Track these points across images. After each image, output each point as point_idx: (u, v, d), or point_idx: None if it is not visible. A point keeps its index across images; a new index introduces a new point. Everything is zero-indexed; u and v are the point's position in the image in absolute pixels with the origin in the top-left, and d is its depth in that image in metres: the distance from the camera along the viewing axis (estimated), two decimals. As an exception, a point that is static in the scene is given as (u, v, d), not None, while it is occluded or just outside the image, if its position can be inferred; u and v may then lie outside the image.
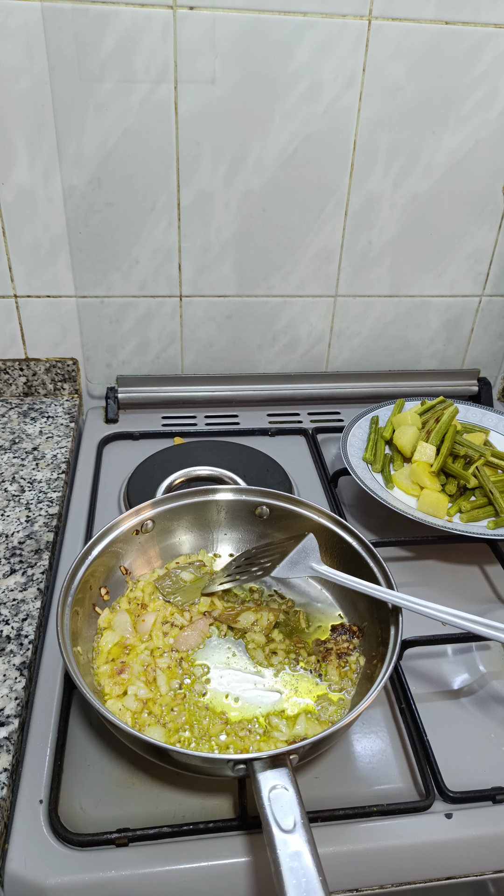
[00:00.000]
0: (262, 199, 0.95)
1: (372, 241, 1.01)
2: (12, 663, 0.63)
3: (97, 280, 0.98)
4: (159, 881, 0.51)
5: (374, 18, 0.84)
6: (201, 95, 0.86)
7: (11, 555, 0.76)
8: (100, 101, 0.85)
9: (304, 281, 1.03)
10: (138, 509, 0.71)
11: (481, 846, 0.55)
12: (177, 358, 1.08)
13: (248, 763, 0.48)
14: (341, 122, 0.91)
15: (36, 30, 0.80)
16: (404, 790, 0.57)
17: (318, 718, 0.58)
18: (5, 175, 0.88)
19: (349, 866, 0.53)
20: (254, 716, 0.58)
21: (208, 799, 0.56)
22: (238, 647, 0.65)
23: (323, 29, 0.84)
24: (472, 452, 0.88)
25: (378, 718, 0.63)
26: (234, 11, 0.82)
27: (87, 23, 0.80)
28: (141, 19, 0.81)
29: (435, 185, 0.97)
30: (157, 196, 0.93)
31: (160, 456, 0.94)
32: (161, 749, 0.50)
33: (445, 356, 1.14)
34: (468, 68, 0.89)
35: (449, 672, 0.68)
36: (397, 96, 0.90)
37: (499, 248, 1.04)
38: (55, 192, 0.91)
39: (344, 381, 1.12)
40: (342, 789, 0.57)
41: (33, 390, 1.06)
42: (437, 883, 0.54)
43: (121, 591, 0.69)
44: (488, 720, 0.63)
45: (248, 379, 1.09)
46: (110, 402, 1.05)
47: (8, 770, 0.55)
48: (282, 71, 0.86)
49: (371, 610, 0.65)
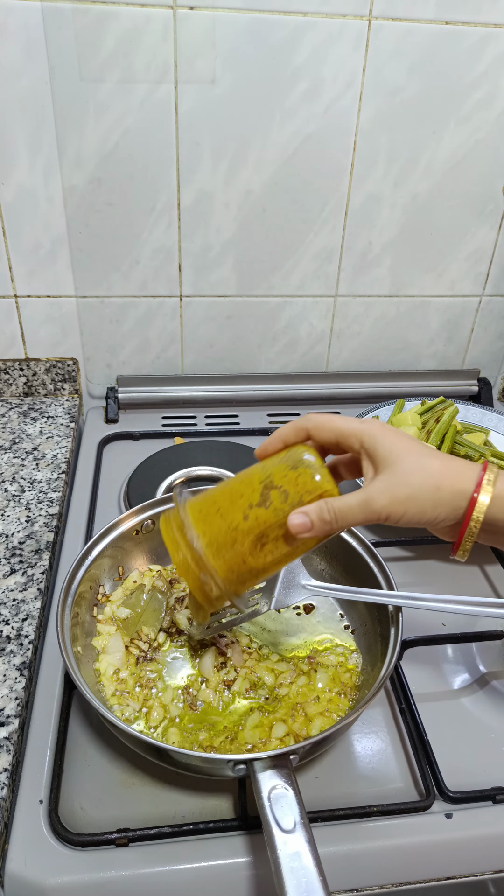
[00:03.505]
0: (262, 199, 0.95)
1: (372, 241, 1.01)
2: (12, 663, 0.63)
3: (97, 280, 0.98)
4: (159, 881, 0.51)
5: (374, 18, 0.84)
6: (201, 95, 0.86)
7: (11, 555, 0.76)
8: (100, 101, 0.85)
9: (305, 281, 1.03)
10: (138, 509, 0.71)
11: (481, 846, 0.55)
12: (177, 358, 1.08)
13: (248, 763, 0.48)
14: (341, 122, 0.91)
15: (36, 30, 0.80)
16: (404, 790, 0.57)
17: (317, 718, 0.58)
18: (5, 175, 0.88)
19: (349, 866, 0.53)
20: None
21: (208, 799, 0.56)
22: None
23: (323, 29, 0.84)
24: (472, 452, 0.88)
25: (378, 718, 0.63)
26: (234, 11, 0.82)
27: (87, 23, 0.80)
28: (141, 19, 0.81)
29: (435, 185, 0.97)
30: (158, 196, 0.93)
31: (160, 456, 0.94)
32: (161, 749, 0.50)
33: (445, 356, 1.14)
34: (468, 68, 0.89)
35: (449, 672, 0.68)
36: (397, 96, 0.90)
37: (499, 248, 1.04)
38: (55, 192, 0.91)
39: (344, 381, 1.12)
40: (342, 789, 0.57)
41: (33, 390, 1.06)
42: (437, 883, 0.54)
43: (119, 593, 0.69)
44: (488, 720, 0.63)
45: (248, 379, 1.09)
46: (110, 402, 1.05)
47: (8, 770, 0.55)
48: (282, 71, 0.86)
49: (371, 609, 0.65)
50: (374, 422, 0.52)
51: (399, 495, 0.48)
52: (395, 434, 0.51)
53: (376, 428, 0.51)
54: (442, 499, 0.48)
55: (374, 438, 0.50)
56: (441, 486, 0.48)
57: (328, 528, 0.50)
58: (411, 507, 0.48)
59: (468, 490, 0.48)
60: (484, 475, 0.49)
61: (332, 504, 0.50)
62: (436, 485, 0.48)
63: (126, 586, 0.69)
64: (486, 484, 0.48)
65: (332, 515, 0.49)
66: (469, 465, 0.50)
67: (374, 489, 0.49)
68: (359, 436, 0.51)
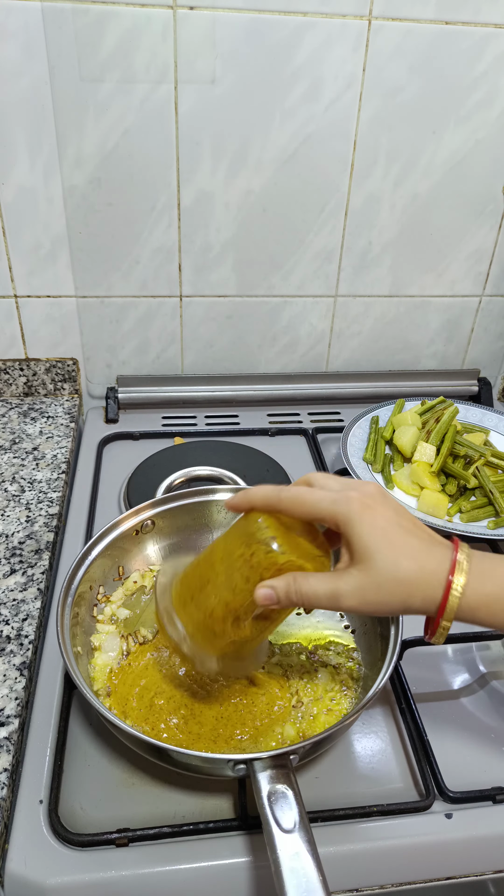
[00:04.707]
0: (262, 199, 0.95)
1: (372, 241, 1.01)
2: (12, 663, 0.63)
3: (97, 280, 0.98)
4: (159, 881, 0.51)
5: (374, 18, 0.84)
6: (201, 95, 0.86)
7: (11, 555, 0.76)
8: (100, 101, 0.85)
9: (305, 281, 1.03)
10: (138, 509, 0.70)
11: (481, 846, 0.55)
12: (177, 358, 1.08)
13: (249, 763, 0.48)
14: (341, 122, 0.91)
15: (36, 30, 0.80)
16: (404, 790, 0.57)
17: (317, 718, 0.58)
18: (5, 175, 0.88)
19: (349, 866, 0.53)
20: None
21: (208, 799, 0.56)
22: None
23: (323, 29, 0.84)
24: (472, 452, 0.88)
25: (378, 718, 0.63)
26: (234, 11, 0.82)
27: (87, 23, 0.80)
28: (141, 19, 0.81)
29: (435, 185, 0.97)
30: (158, 196, 0.93)
31: (160, 456, 0.94)
32: (161, 749, 0.50)
33: (445, 356, 1.14)
34: (468, 68, 0.89)
35: (449, 672, 0.68)
36: (397, 96, 0.90)
37: (499, 248, 1.04)
38: (55, 192, 0.91)
39: (344, 381, 1.12)
40: (342, 789, 0.57)
41: (33, 390, 1.06)
42: (437, 883, 0.54)
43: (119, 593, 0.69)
44: (488, 720, 0.63)
45: (248, 379, 1.09)
46: (110, 402, 1.05)
47: (8, 770, 0.55)
48: (282, 71, 0.86)
49: (371, 610, 0.65)
50: (351, 500, 0.48)
51: (369, 598, 0.47)
52: (371, 518, 0.47)
53: (354, 511, 0.47)
54: (412, 605, 0.47)
55: (350, 525, 0.47)
56: (411, 595, 0.47)
57: (292, 604, 0.48)
58: (381, 609, 0.48)
59: (437, 597, 0.47)
60: (452, 580, 0.46)
61: (300, 586, 0.48)
62: (407, 593, 0.47)
63: (126, 587, 0.69)
64: (453, 591, 0.46)
65: (298, 597, 0.48)
66: (442, 559, 0.47)
67: (344, 585, 0.47)
68: (334, 519, 0.48)
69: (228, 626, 0.51)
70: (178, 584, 0.55)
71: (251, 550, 0.49)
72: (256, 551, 0.49)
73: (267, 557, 0.49)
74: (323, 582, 0.48)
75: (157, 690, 0.60)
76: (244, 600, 0.50)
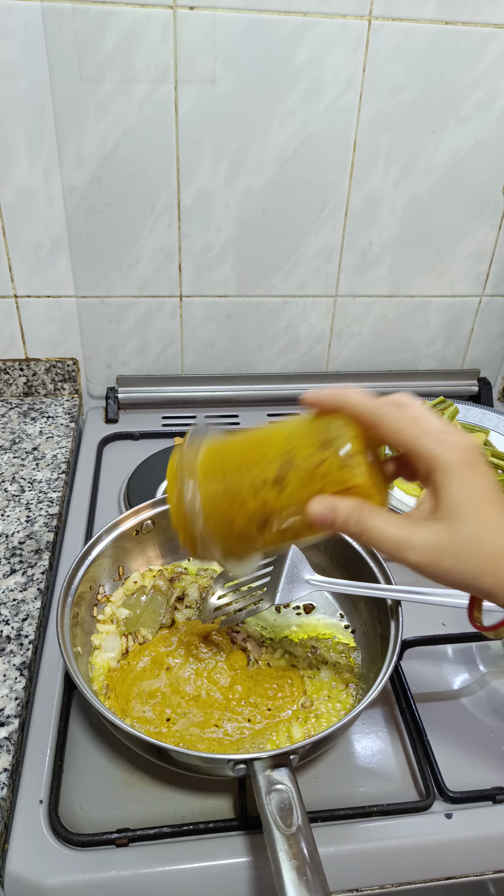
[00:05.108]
0: (262, 199, 0.95)
1: (372, 241, 1.01)
2: (12, 663, 0.63)
3: (97, 280, 0.98)
4: (159, 881, 0.51)
5: (374, 18, 0.84)
6: (201, 95, 0.86)
7: (11, 555, 0.76)
8: (100, 101, 0.85)
9: (305, 281, 1.03)
10: (138, 509, 0.71)
11: (481, 846, 0.55)
12: (177, 358, 1.08)
13: (249, 763, 0.48)
14: (341, 122, 0.91)
15: (36, 30, 0.80)
16: (404, 790, 0.57)
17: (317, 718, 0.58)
18: (5, 175, 0.88)
19: (349, 866, 0.53)
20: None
21: (208, 799, 0.56)
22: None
23: (323, 29, 0.84)
24: (472, 452, 0.88)
25: (378, 718, 0.63)
26: (234, 11, 0.82)
27: (87, 23, 0.80)
28: (141, 19, 0.81)
29: (435, 185, 0.97)
30: (158, 196, 0.93)
31: (160, 456, 0.94)
32: (161, 749, 0.50)
33: (445, 356, 1.14)
34: (468, 68, 0.89)
35: (449, 672, 0.68)
36: (397, 96, 0.90)
37: (499, 248, 1.04)
38: (55, 192, 0.91)
39: (344, 381, 1.12)
40: (342, 789, 0.57)
41: (33, 390, 1.06)
42: (437, 883, 0.54)
43: (119, 593, 0.69)
44: (488, 720, 0.63)
45: (248, 379, 1.09)
46: (110, 402, 1.05)
47: (8, 770, 0.55)
48: (282, 71, 0.86)
49: (371, 609, 0.65)
50: (456, 448, 0.41)
51: (441, 561, 0.41)
52: (471, 476, 0.41)
53: (456, 462, 0.40)
54: (482, 583, 0.41)
55: (448, 475, 0.40)
56: (486, 572, 0.40)
57: (348, 533, 0.43)
58: (446, 576, 0.41)
59: None
60: None
61: (367, 520, 0.42)
62: (482, 569, 0.40)
63: (126, 587, 0.69)
64: None
65: (358, 530, 0.42)
66: None
67: (418, 538, 0.41)
68: (431, 464, 0.41)
69: (253, 526, 0.45)
70: (213, 452, 0.47)
71: (322, 457, 0.42)
72: (329, 460, 0.42)
73: (340, 472, 0.42)
74: (394, 525, 0.42)
75: (157, 690, 0.60)
76: (287, 504, 0.43)
